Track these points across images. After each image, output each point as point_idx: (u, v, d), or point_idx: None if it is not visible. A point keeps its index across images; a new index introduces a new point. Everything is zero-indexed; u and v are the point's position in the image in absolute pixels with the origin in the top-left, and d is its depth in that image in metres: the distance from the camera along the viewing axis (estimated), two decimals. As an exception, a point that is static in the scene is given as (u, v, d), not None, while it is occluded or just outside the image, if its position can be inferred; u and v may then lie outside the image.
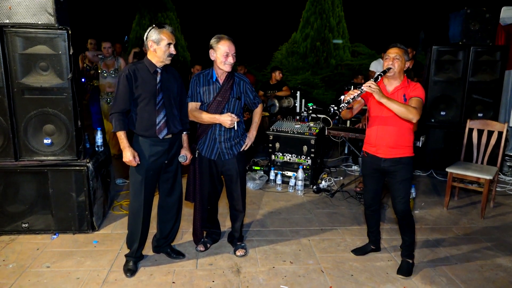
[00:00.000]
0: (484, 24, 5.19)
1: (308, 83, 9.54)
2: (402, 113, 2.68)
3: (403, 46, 2.90)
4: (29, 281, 2.82)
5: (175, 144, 2.97)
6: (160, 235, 3.16)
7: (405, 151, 2.93)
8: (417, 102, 2.76)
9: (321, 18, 10.34)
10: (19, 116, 3.29)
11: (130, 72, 2.74)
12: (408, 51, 2.95)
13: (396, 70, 2.85)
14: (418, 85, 2.87)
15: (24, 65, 3.22)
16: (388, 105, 2.68)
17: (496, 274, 3.05)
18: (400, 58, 2.83)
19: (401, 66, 2.85)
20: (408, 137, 2.93)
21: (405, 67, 2.89)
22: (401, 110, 2.67)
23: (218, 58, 2.90)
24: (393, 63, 2.84)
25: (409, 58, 2.92)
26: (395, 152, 2.92)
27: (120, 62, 5.65)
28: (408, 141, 2.94)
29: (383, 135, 2.94)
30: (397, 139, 2.90)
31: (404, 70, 2.90)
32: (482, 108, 5.28)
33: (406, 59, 2.87)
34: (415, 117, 2.68)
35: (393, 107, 2.68)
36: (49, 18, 3.20)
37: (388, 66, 2.86)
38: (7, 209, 3.46)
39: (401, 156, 2.92)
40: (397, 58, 2.83)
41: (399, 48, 2.86)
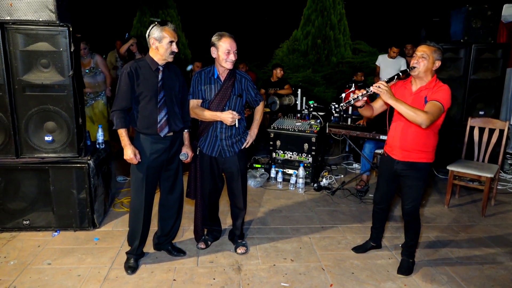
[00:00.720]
0: (485, 22, 5.17)
1: (309, 80, 9.52)
2: (410, 117, 2.53)
3: (434, 44, 2.71)
4: (30, 278, 2.83)
5: (176, 142, 2.97)
6: (161, 233, 3.16)
7: (422, 156, 2.79)
8: (432, 106, 2.58)
9: (322, 16, 10.31)
10: (20, 113, 3.29)
11: (131, 69, 2.73)
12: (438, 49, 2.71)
13: (421, 70, 2.69)
14: (444, 87, 2.68)
15: (25, 62, 3.22)
16: (396, 107, 2.55)
17: (497, 272, 3.06)
18: (427, 57, 2.67)
19: (428, 66, 2.68)
20: (427, 142, 2.78)
21: (434, 66, 2.71)
22: (408, 114, 2.52)
23: (220, 55, 2.89)
24: (418, 62, 2.69)
25: (440, 57, 2.71)
26: (410, 155, 2.80)
27: (96, 58, 5.46)
28: (427, 146, 2.78)
29: (398, 137, 2.84)
30: (413, 143, 2.78)
31: (434, 69, 2.73)
32: (483, 106, 5.27)
33: (436, 57, 2.69)
34: (424, 122, 2.49)
35: (401, 110, 2.54)
36: (50, 15, 3.19)
37: (413, 64, 2.71)
38: (8, 206, 3.47)
39: (416, 161, 2.80)
40: (424, 56, 2.67)
41: (428, 46, 2.70)
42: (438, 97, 2.63)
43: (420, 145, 2.78)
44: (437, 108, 2.58)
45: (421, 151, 2.79)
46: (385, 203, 3.14)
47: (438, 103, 2.60)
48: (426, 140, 2.78)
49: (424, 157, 2.80)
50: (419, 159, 2.80)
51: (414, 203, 2.88)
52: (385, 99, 2.56)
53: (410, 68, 2.73)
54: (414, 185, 2.86)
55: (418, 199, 2.89)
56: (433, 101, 2.61)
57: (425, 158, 2.81)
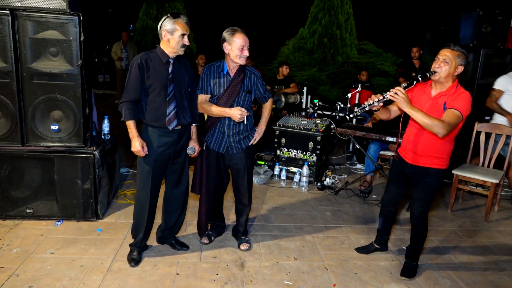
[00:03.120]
0: (496, 27, 5.15)
1: (314, 79, 9.49)
2: (427, 126, 2.45)
3: (458, 48, 2.58)
4: (33, 267, 2.82)
5: (184, 136, 2.95)
6: (165, 226, 3.15)
7: (436, 162, 2.73)
8: (451, 114, 2.49)
9: (330, 15, 10.25)
10: (27, 101, 3.27)
11: (142, 61, 2.71)
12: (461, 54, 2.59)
13: (442, 75, 2.58)
14: (465, 95, 2.56)
15: (34, 49, 3.19)
16: (412, 115, 2.48)
17: (500, 278, 3.05)
18: (449, 62, 2.56)
19: (450, 71, 2.57)
20: (441, 148, 2.71)
21: (456, 72, 2.60)
22: (425, 123, 2.44)
23: (233, 51, 2.86)
24: (439, 66, 2.58)
25: (464, 62, 2.60)
26: (423, 160, 2.76)
27: None
28: (442, 152, 2.73)
29: (412, 140, 2.79)
30: (427, 148, 2.72)
31: (456, 75, 2.63)
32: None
33: (459, 62, 2.57)
34: (441, 131, 2.41)
35: (417, 118, 2.46)
36: (61, 3, 3.16)
37: (434, 69, 2.60)
38: (12, 193, 3.46)
39: (429, 167, 2.75)
40: (446, 61, 2.56)
41: (451, 50, 2.58)
42: (458, 105, 2.53)
43: (434, 151, 2.73)
44: (456, 117, 2.50)
45: (434, 157, 2.74)
46: (393, 206, 3.12)
47: (457, 111, 2.51)
48: (440, 146, 2.72)
49: (437, 163, 2.75)
50: (432, 164, 2.75)
51: (423, 207, 2.86)
52: (401, 107, 2.48)
53: (431, 72, 2.62)
54: (425, 190, 2.82)
55: (427, 204, 2.86)
56: (452, 109, 2.52)
57: (438, 164, 2.75)
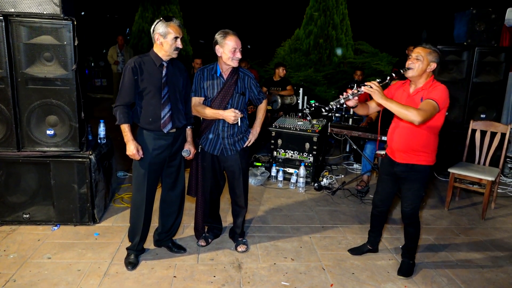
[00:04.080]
0: (489, 25, 5.17)
1: (311, 80, 9.50)
2: (402, 115, 2.53)
3: (430, 46, 2.71)
4: (30, 272, 2.82)
5: (179, 139, 2.96)
6: (161, 229, 3.16)
7: (421, 158, 2.78)
8: (426, 104, 2.58)
9: (325, 15, 10.29)
10: (22, 106, 3.27)
11: (135, 64, 2.72)
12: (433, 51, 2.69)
13: (415, 71, 2.68)
14: (440, 87, 2.67)
15: (28, 55, 3.20)
16: (387, 106, 2.56)
17: (497, 275, 3.06)
18: (422, 59, 2.66)
19: (422, 67, 2.68)
20: (427, 143, 2.76)
21: (429, 68, 2.70)
22: (399, 112, 2.52)
23: (225, 53, 2.87)
24: (412, 63, 2.69)
25: (436, 59, 2.70)
26: (408, 157, 2.80)
27: None
28: (426, 147, 2.77)
29: (396, 138, 2.85)
30: (410, 144, 2.77)
31: (430, 71, 2.72)
32: (485, 109, 5.27)
33: (431, 59, 2.68)
34: (416, 118, 2.48)
35: (392, 109, 2.54)
36: (55, 8, 3.18)
37: (407, 66, 2.71)
38: (9, 199, 3.46)
39: (415, 163, 2.79)
40: (418, 58, 2.67)
41: (423, 48, 2.70)
42: (433, 95, 2.63)
43: (419, 147, 2.77)
44: (431, 106, 2.58)
45: (420, 152, 2.78)
46: (385, 206, 3.12)
47: (433, 101, 2.60)
48: (425, 142, 2.76)
49: (423, 159, 2.79)
50: (418, 161, 2.79)
51: (413, 205, 2.87)
52: (376, 99, 2.57)
53: (405, 69, 2.73)
54: (413, 188, 2.85)
55: (417, 201, 2.88)
56: (427, 100, 2.62)
57: (424, 160, 2.79)
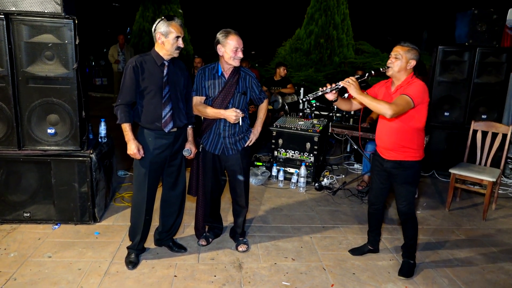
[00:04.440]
0: (491, 26, 5.16)
1: (311, 80, 9.49)
2: (374, 108, 2.65)
3: (408, 44, 2.78)
4: (31, 271, 2.81)
5: (180, 138, 2.95)
6: (162, 229, 3.15)
7: (408, 154, 2.84)
8: (399, 98, 2.67)
9: (326, 15, 10.27)
10: (23, 105, 3.27)
11: (137, 63, 2.71)
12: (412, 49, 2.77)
13: (394, 69, 2.77)
14: (417, 83, 2.75)
15: (29, 53, 3.19)
16: (360, 100, 2.67)
17: (498, 276, 3.06)
18: (400, 57, 2.75)
19: (401, 65, 2.76)
20: (412, 139, 2.82)
21: (408, 65, 2.77)
22: (372, 105, 2.63)
23: (227, 53, 2.86)
24: (392, 62, 2.78)
25: (415, 56, 2.77)
26: (395, 155, 2.87)
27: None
28: (412, 143, 2.83)
29: (382, 136, 2.94)
30: (397, 142, 2.83)
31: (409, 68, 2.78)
32: (486, 109, 5.27)
33: (410, 57, 2.75)
34: (387, 111, 2.57)
35: (365, 102, 2.65)
36: (56, 7, 3.17)
37: (387, 64, 2.81)
38: (9, 197, 3.45)
39: (402, 160, 2.85)
40: (397, 57, 2.76)
41: (402, 46, 2.78)
42: (408, 91, 2.69)
43: (405, 143, 2.83)
44: (404, 100, 2.65)
45: (406, 149, 2.84)
46: (380, 202, 3.16)
47: (407, 96, 2.66)
48: (410, 138, 2.82)
49: (410, 155, 2.85)
50: (406, 157, 2.86)
51: (407, 201, 2.93)
52: (351, 93, 2.67)
53: (385, 67, 2.82)
54: (404, 184, 2.91)
55: (410, 197, 2.94)
56: (401, 95, 2.69)
57: (411, 156, 2.85)
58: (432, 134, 5.34)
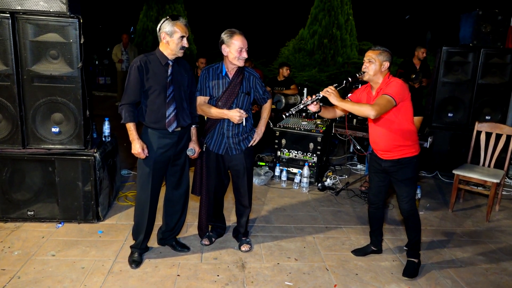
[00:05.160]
0: (495, 27, 5.14)
1: (315, 80, 9.49)
2: (357, 112, 2.68)
3: (379, 47, 2.84)
4: (34, 269, 2.83)
5: (183, 137, 2.96)
6: (165, 228, 3.16)
7: (404, 152, 2.89)
8: (380, 98, 2.71)
9: (330, 15, 10.27)
10: (28, 103, 3.29)
11: (141, 63, 2.72)
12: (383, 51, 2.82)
13: (370, 73, 2.82)
14: (394, 82, 2.79)
15: (34, 52, 3.21)
16: (342, 106, 2.71)
17: (501, 278, 3.05)
18: (374, 61, 2.80)
19: (376, 68, 2.81)
20: (405, 138, 2.87)
21: (383, 68, 2.82)
22: (354, 109, 2.68)
23: (232, 53, 2.86)
24: (366, 67, 2.83)
25: (388, 58, 2.82)
26: (392, 154, 2.92)
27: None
28: (406, 141, 2.88)
29: (376, 140, 2.97)
30: (390, 143, 2.88)
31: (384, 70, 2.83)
32: (490, 110, 5.25)
33: (382, 59, 2.80)
34: (371, 112, 2.61)
35: (348, 108, 2.70)
36: (61, 6, 3.19)
37: (362, 70, 2.85)
38: (13, 196, 3.47)
39: (401, 157, 2.90)
40: (371, 61, 2.80)
41: (373, 50, 2.84)
42: (388, 90, 2.74)
43: (400, 142, 2.88)
44: (385, 100, 2.69)
45: (402, 147, 2.88)
46: (380, 201, 3.17)
47: (387, 96, 2.71)
48: (403, 136, 2.87)
49: (407, 151, 2.90)
50: (403, 154, 2.90)
51: (408, 197, 2.96)
52: (332, 101, 2.70)
53: (360, 73, 2.85)
54: (405, 180, 2.94)
55: (412, 193, 2.98)
56: (382, 95, 2.74)
57: (408, 152, 2.90)
58: (436, 135, 5.33)
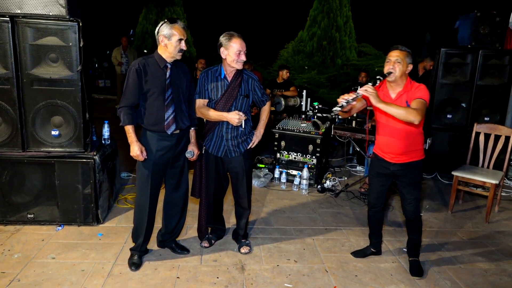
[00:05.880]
0: (493, 28, 5.15)
1: (314, 82, 9.51)
2: (402, 116, 2.58)
3: (405, 48, 2.78)
4: (34, 272, 2.83)
5: (182, 140, 2.97)
6: (165, 230, 3.17)
7: (415, 155, 2.90)
8: (418, 103, 2.66)
9: (329, 18, 10.29)
10: (27, 106, 3.30)
11: (140, 66, 2.73)
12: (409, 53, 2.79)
13: (397, 75, 2.74)
14: (422, 86, 2.77)
15: (34, 56, 3.22)
16: (385, 109, 2.60)
17: (501, 279, 3.05)
18: (401, 62, 2.73)
19: (402, 70, 2.74)
20: (417, 141, 2.89)
21: (407, 70, 2.77)
22: (399, 113, 2.57)
23: (230, 56, 2.87)
24: (394, 67, 2.74)
25: (412, 60, 2.79)
26: (405, 158, 2.89)
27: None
28: (418, 145, 2.91)
29: (392, 143, 2.89)
30: (407, 146, 2.85)
31: (407, 73, 2.79)
32: (489, 112, 5.26)
33: (408, 61, 2.75)
34: (416, 118, 2.56)
35: (391, 111, 2.59)
36: (61, 10, 3.20)
37: (388, 70, 2.75)
38: (13, 199, 3.48)
39: (411, 161, 2.90)
40: (398, 61, 2.73)
41: (401, 51, 2.76)
42: (420, 95, 2.72)
43: (413, 146, 2.89)
44: (423, 104, 2.67)
45: (414, 150, 2.90)
46: (380, 204, 3.16)
47: (422, 100, 2.69)
48: (416, 140, 2.90)
49: (417, 155, 2.92)
50: (413, 158, 2.92)
51: (415, 200, 2.98)
52: (374, 103, 2.62)
53: (386, 73, 2.76)
54: (413, 183, 2.96)
55: (418, 195, 3.00)
56: (417, 99, 2.70)
57: (418, 156, 2.92)
58: (434, 136, 5.34)
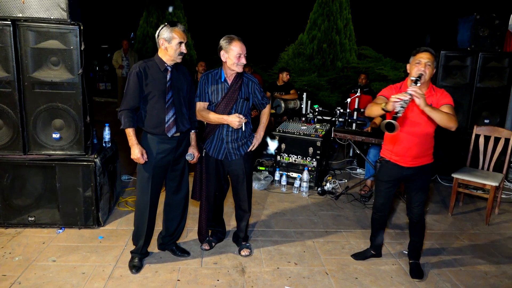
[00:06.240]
0: (493, 30, 5.17)
1: (314, 84, 9.52)
2: (444, 122, 2.55)
3: (433, 51, 2.73)
4: (35, 274, 2.84)
5: (183, 142, 2.98)
6: (165, 233, 3.17)
7: (427, 158, 2.94)
8: (450, 109, 2.67)
9: (329, 20, 10.31)
10: (29, 109, 3.31)
11: (140, 69, 2.75)
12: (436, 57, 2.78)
13: (426, 77, 2.70)
14: (446, 92, 2.80)
15: (35, 59, 3.24)
16: (430, 113, 2.54)
17: (501, 281, 3.05)
18: (431, 65, 2.70)
19: (431, 73, 2.72)
20: (430, 145, 2.93)
21: (432, 73, 2.74)
22: (443, 119, 2.54)
23: (230, 59, 2.89)
24: (424, 70, 2.68)
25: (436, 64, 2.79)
26: (419, 161, 2.91)
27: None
28: (431, 148, 2.95)
29: (410, 147, 2.87)
30: (422, 149, 2.88)
31: None
32: (489, 114, 5.27)
33: (434, 66, 2.73)
34: (455, 125, 2.55)
35: (435, 116, 2.54)
36: (62, 13, 3.21)
37: (420, 72, 2.67)
38: (14, 202, 3.48)
39: (423, 164, 2.92)
40: (429, 64, 2.68)
41: (431, 54, 2.70)
42: (447, 101, 2.75)
43: (428, 149, 2.93)
44: (453, 109, 2.72)
45: (428, 155, 2.94)
46: (387, 209, 3.15)
47: (451, 105, 2.73)
48: (431, 143, 2.94)
49: (429, 158, 2.96)
50: (426, 161, 2.95)
51: (422, 203, 3.01)
52: (421, 106, 2.50)
53: (418, 76, 2.66)
54: (423, 186, 2.99)
55: (425, 199, 3.04)
56: (447, 105, 2.72)
57: (430, 159, 2.97)
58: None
